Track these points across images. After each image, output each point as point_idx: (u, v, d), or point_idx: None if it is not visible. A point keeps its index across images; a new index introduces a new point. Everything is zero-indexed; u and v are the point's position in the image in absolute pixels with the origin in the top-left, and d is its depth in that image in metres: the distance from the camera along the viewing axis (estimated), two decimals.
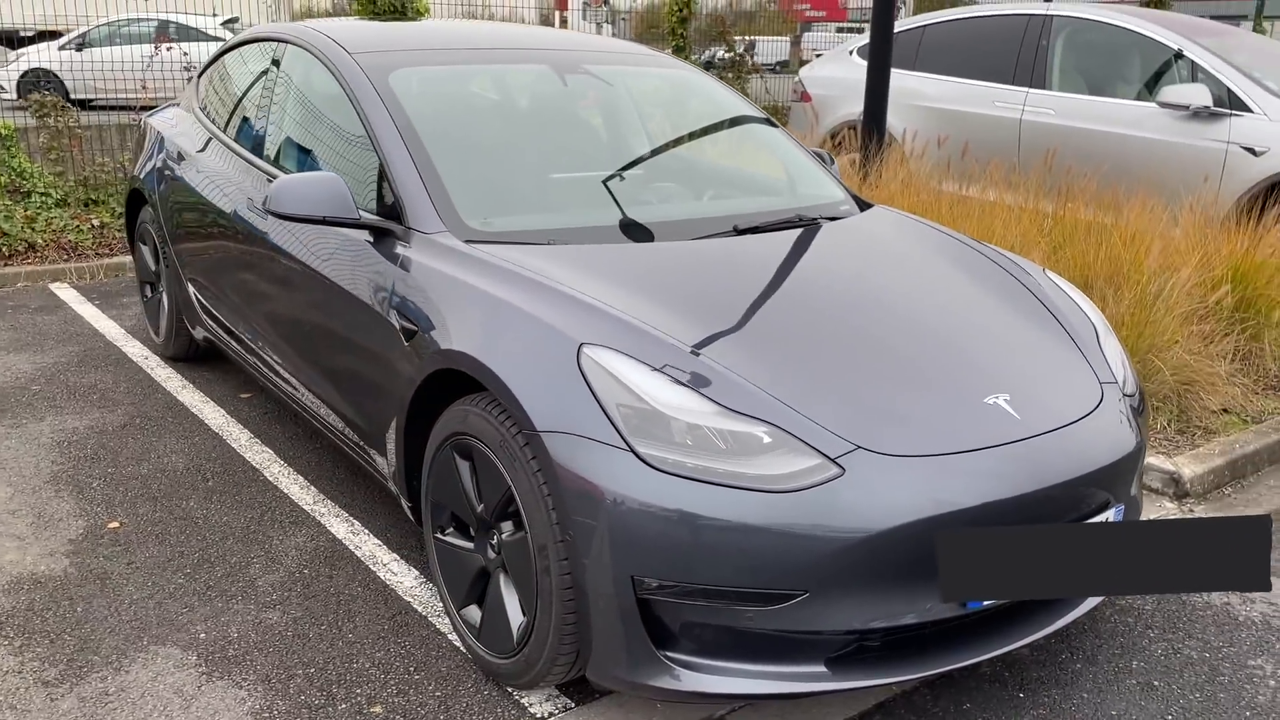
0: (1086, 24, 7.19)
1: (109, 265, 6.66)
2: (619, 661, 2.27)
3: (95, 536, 3.30)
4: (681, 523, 2.17)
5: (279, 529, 3.38)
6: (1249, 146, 6.15)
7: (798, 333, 2.61)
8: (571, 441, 2.25)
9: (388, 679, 2.64)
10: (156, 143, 4.71)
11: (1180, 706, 2.61)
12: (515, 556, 2.45)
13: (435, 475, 2.72)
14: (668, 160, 3.76)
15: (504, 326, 2.51)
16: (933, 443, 2.32)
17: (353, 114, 3.32)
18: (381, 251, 3.00)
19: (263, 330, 3.71)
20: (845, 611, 2.22)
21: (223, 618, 2.88)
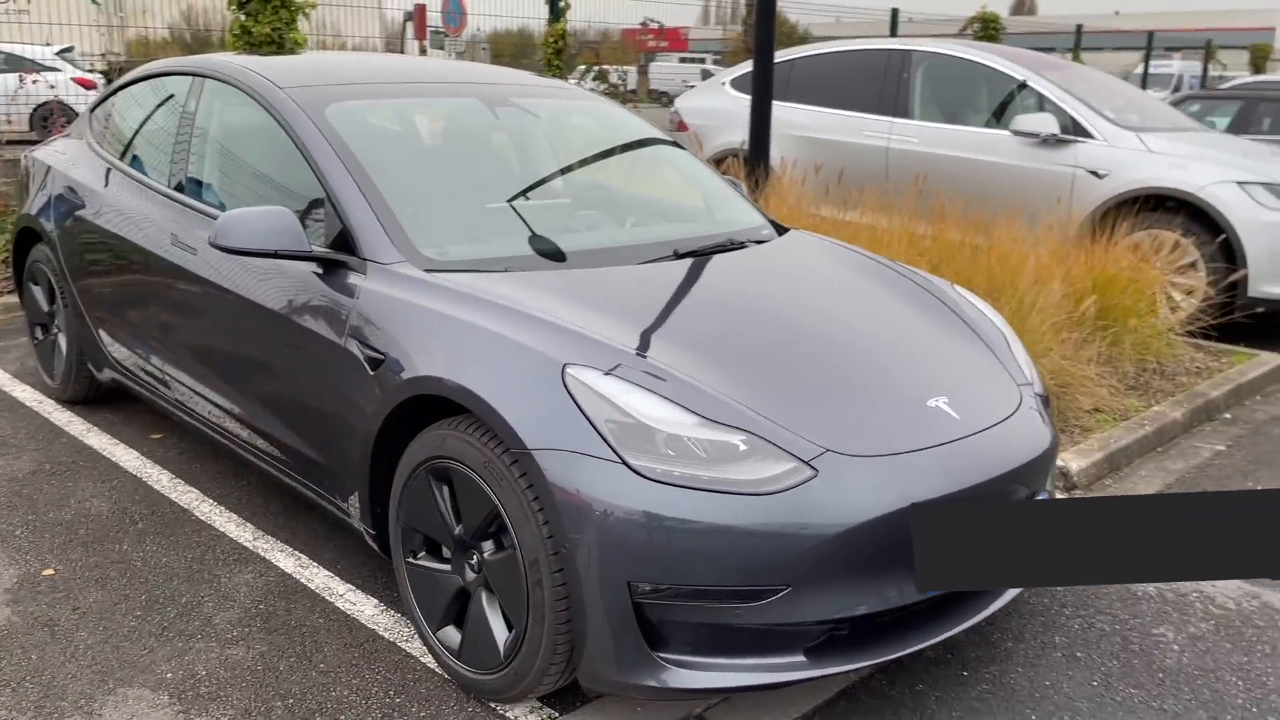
0: (943, 58, 7.71)
1: None
2: (614, 664, 2.38)
3: (32, 584, 3.20)
4: (673, 528, 2.30)
5: (224, 567, 3.34)
6: (1093, 170, 6.71)
7: (755, 348, 2.79)
8: (564, 458, 2.36)
9: (369, 704, 2.67)
10: (49, 178, 4.57)
11: (1102, 673, 2.89)
12: (502, 573, 2.54)
13: (407, 501, 2.77)
14: (602, 189, 3.90)
15: (482, 351, 2.60)
16: (891, 443, 2.53)
17: (289, 149, 3.34)
18: (332, 283, 3.04)
19: (191, 368, 3.66)
20: (822, 603, 2.39)
21: (186, 657, 2.85)
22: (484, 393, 2.50)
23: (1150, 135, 6.77)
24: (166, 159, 3.91)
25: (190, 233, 3.59)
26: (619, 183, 3.96)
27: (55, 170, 4.57)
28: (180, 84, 4.02)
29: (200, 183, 3.73)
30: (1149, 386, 5.30)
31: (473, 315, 2.70)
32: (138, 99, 4.36)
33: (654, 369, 2.52)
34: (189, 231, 3.60)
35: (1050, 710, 2.71)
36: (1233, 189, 6.32)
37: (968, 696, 2.76)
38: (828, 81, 8.08)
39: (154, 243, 3.77)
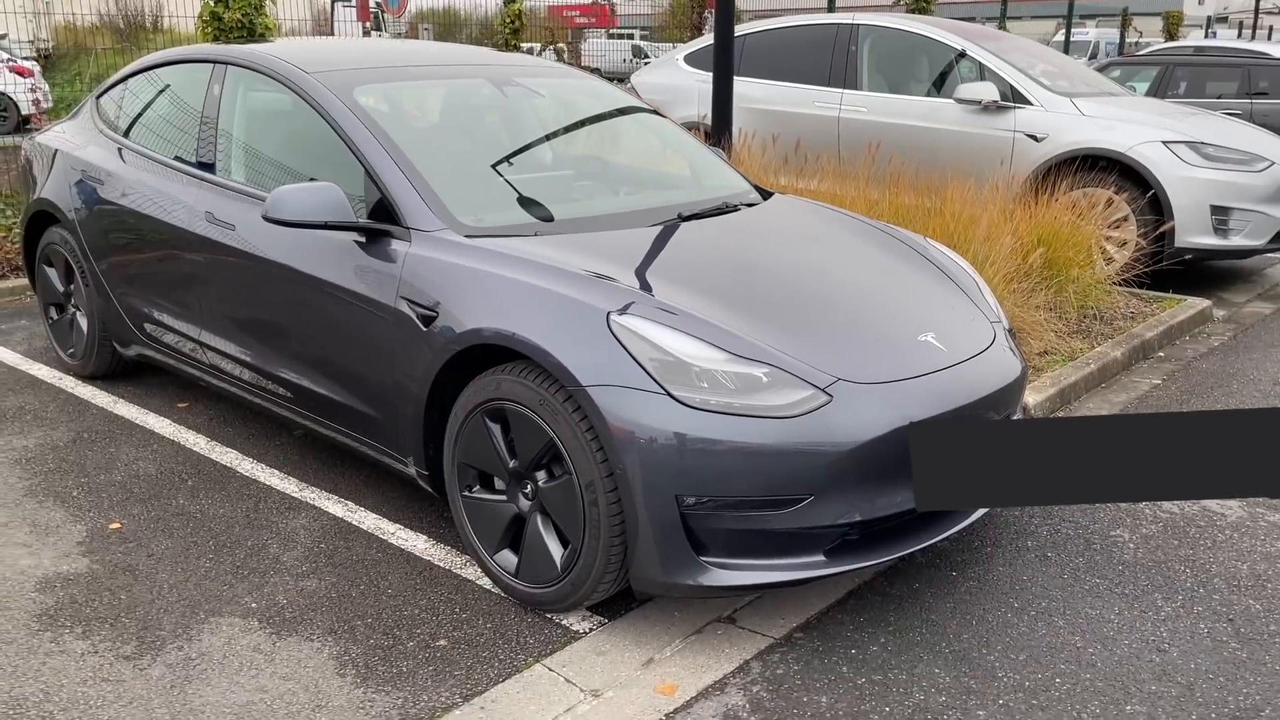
0: (889, 31, 8.14)
1: None
2: (663, 568, 2.76)
3: (101, 537, 3.48)
4: (712, 448, 2.68)
5: (278, 514, 3.65)
6: (1031, 134, 7.19)
7: (765, 295, 3.17)
8: (615, 392, 2.72)
9: (439, 620, 3.02)
10: (61, 162, 4.78)
11: (1071, 569, 3.34)
12: (557, 497, 2.89)
13: (463, 441, 3.11)
14: (604, 159, 4.25)
15: (532, 304, 2.94)
16: (891, 372, 2.93)
17: (321, 129, 3.63)
18: (376, 251, 3.35)
19: (232, 335, 3.94)
20: (838, 509, 2.78)
21: (264, 589, 3.17)
22: (539, 340, 2.84)
23: (1082, 100, 7.28)
24: (192, 141, 4.16)
25: (228, 210, 3.86)
26: (619, 154, 4.30)
27: (67, 154, 4.78)
28: (200, 70, 4.27)
29: (233, 163, 4.00)
30: (1090, 330, 5.79)
31: (518, 273, 3.04)
32: (154, 85, 4.59)
33: (685, 313, 2.89)
34: (226, 208, 3.87)
35: (1029, 599, 3.15)
36: (1159, 148, 6.84)
37: (958, 591, 3.19)
38: (778, 56, 8.47)
39: (187, 220, 4.03)
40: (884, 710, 2.62)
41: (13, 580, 3.19)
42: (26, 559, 3.32)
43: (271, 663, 2.80)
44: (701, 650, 2.88)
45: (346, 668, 2.79)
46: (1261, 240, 6.94)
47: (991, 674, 2.77)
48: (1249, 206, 6.83)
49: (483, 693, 2.69)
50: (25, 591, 3.14)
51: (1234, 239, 6.88)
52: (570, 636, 2.95)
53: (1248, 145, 7.04)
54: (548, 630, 2.97)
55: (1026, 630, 2.98)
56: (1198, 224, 6.79)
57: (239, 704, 2.63)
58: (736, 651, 2.87)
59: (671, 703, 2.66)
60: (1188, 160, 6.80)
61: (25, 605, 3.06)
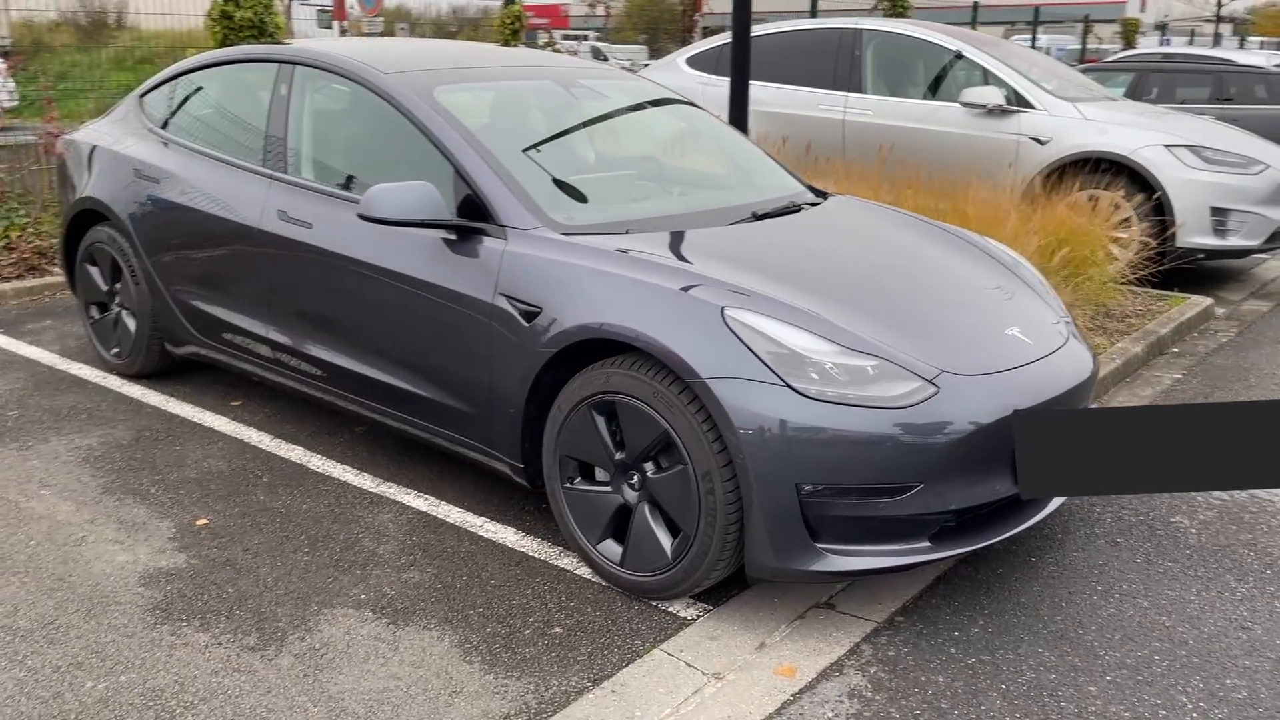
0: (892, 36, 8.31)
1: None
2: (780, 555, 2.85)
3: (191, 533, 3.50)
4: (831, 438, 2.78)
5: (361, 509, 3.70)
6: (1036, 137, 7.39)
7: (856, 289, 3.29)
8: (736, 384, 2.81)
9: (548, 609, 3.09)
10: (110, 161, 4.77)
11: (1143, 554, 3.48)
12: (669, 487, 2.98)
13: (566, 434, 3.19)
14: (670, 158, 4.33)
15: (643, 299, 3.02)
16: (988, 364, 3.05)
17: (404, 129, 3.69)
18: (469, 248, 3.41)
19: (304, 333, 3.97)
20: (945, 497, 2.90)
21: (369, 581, 3.22)
22: (656, 334, 2.92)
23: (1084, 105, 7.49)
24: (258, 140, 4.18)
25: (303, 208, 3.89)
26: (681, 153, 4.39)
27: (114, 153, 4.77)
28: (264, 70, 4.29)
29: (307, 162, 4.03)
30: (1105, 328, 5.98)
31: (625, 270, 3.12)
32: (209, 85, 4.61)
33: (793, 308, 2.99)
34: (301, 207, 3.90)
35: (1111, 582, 3.29)
36: (1161, 151, 7.07)
37: (1041, 576, 3.32)
38: (781, 59, 8.59)
39: (256, 219, 4.05)
40: (1000, 688, 2.74)
41: (115, 576, 3.21)
42: (123, 555, 3.34)
43: (396, 651, 2.86)
44: (810, 634, 2.98)
45: (471, 655, 2.85)
46: (1258, 240, 7.19)
47: (1093, 653, 2.90)
48: (1246, 208, 7.07)
49: (610, 676, 2.77)
50: (130, 586, 3.16)
51: (1232, 239, 7.12)
52: (680, 623, 3.03)
53: (1243, 149, 7.29)
54: (656, 617, 3.06)
55: (1115, 611, 3.12)
56: (1198, 225, 7.02)
57: (376, 690, 2.69)
58: (844, 635, 2.98)
59: (794, 684, 2.75)
60: (1188, 163, 7.03)
61: (134, 600, 3.08)
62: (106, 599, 3.08)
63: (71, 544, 3.40)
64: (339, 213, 3.79)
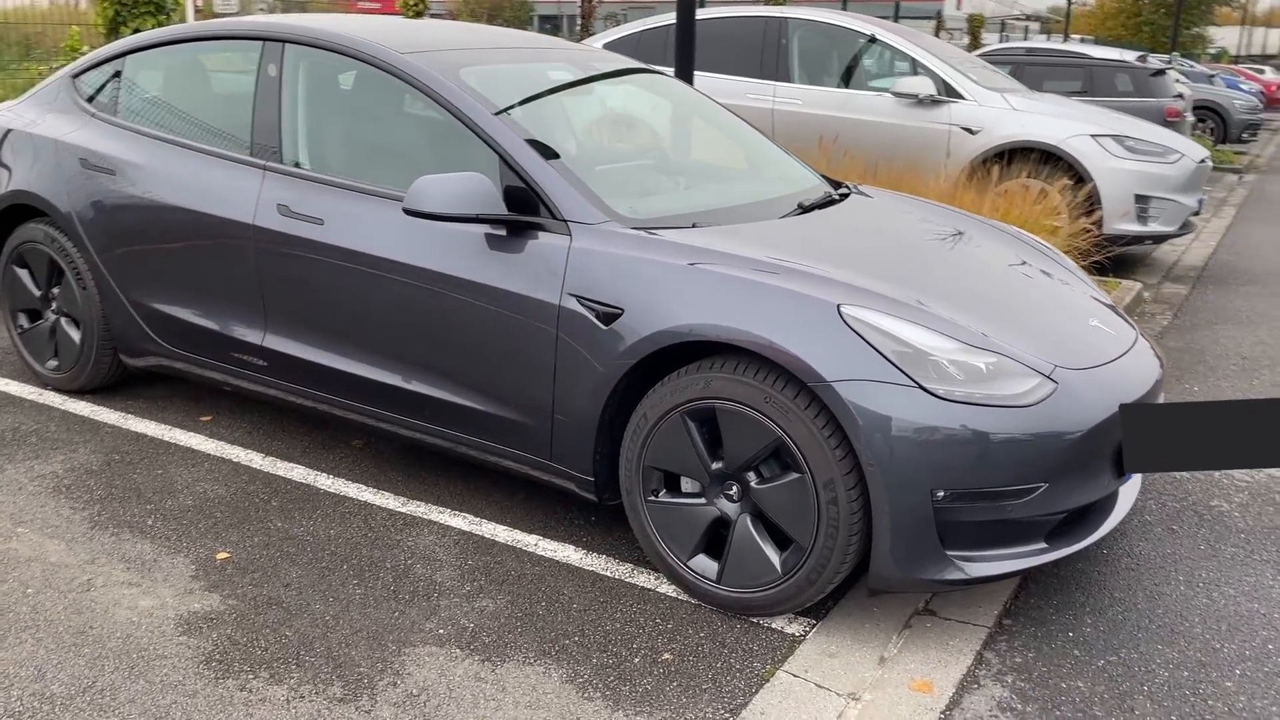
0: (816, 25, 8.29)
1: None
2: (908, 565, 2.71)
3: (215, 569, 3.11)
4: (964, 439, 2.65)
5: (397, 532, 3.37)
6: (966, 127, 7.50)
7: (942, 283, 3.16)
8: (864, 386, 2.65)
9: (646, 633, 2.86)
10: (44, 150, 4.23)
11: (1204, 539, 3.51)
12: (780, 497, 2.79)
13: (654, 443, 2.96)
14: (689, 146, 4.12)
15: (749, 298, 2.82)
16: (1091, 357, 2.98)
17: (430, 114, 3.37)
18: (522, 244, 3.13)
19: (314, 341, 3.59)
20: (1064, 495, 2.82)
21: (441, 613, 2.92)
22: (770, 335, 2.73)
23: (1011, 95, 7.65)
24: (244, 127, 3.76)
25: (312, 202, 3.52)
26: (699, 143, 4.18)
27: (47, 140, 4.23)
28: (244, 48, 3.86)
29: (312, 152, 3.64)
30: None
31: (718, 266, 2.91)
32: (172, 65, 4.13)
33: (907, 304, 2.84)
34: (309, 201, 3.52)
35: (1188, 571, 3.29)
36: (1088, 141, 7.28)
37: (1121, 569, 3.29)
38: (707, 47, 8.43)
39: (248, 214, 3.64)
40: (1143, 689, 2.68)
41: (145, 624, 2.81)
42: (145, 599, 2.93)
43: (504, 691, 2.58)
44: (925, 644, 2.85)
45: (588, 690, 2.60)
46: (1174, 226, 7.50)
47: (1209, 647, 2.88)
48: (1165, 195, 7.37)
49: (746, 705, 2.57)
50: (169, 635, 2.77)
51: (1152, 225, 7.41)
52: (789, 640, 2.86)
53: (1159, 138, 7.59)
54: (763, 635, 2.87)
55: (1208, 601, 3.11)
56: (1123, 211, 7.26)
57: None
58: (961, 644, 2.86)
59: (936, 700, 2.62)
60: (1114, 152, 7.27)
61: (180, 652, 2.70)
62: (147, 653, 2.69)
63: (78, 590, 2.97)
64: (357, 207, 3.44)
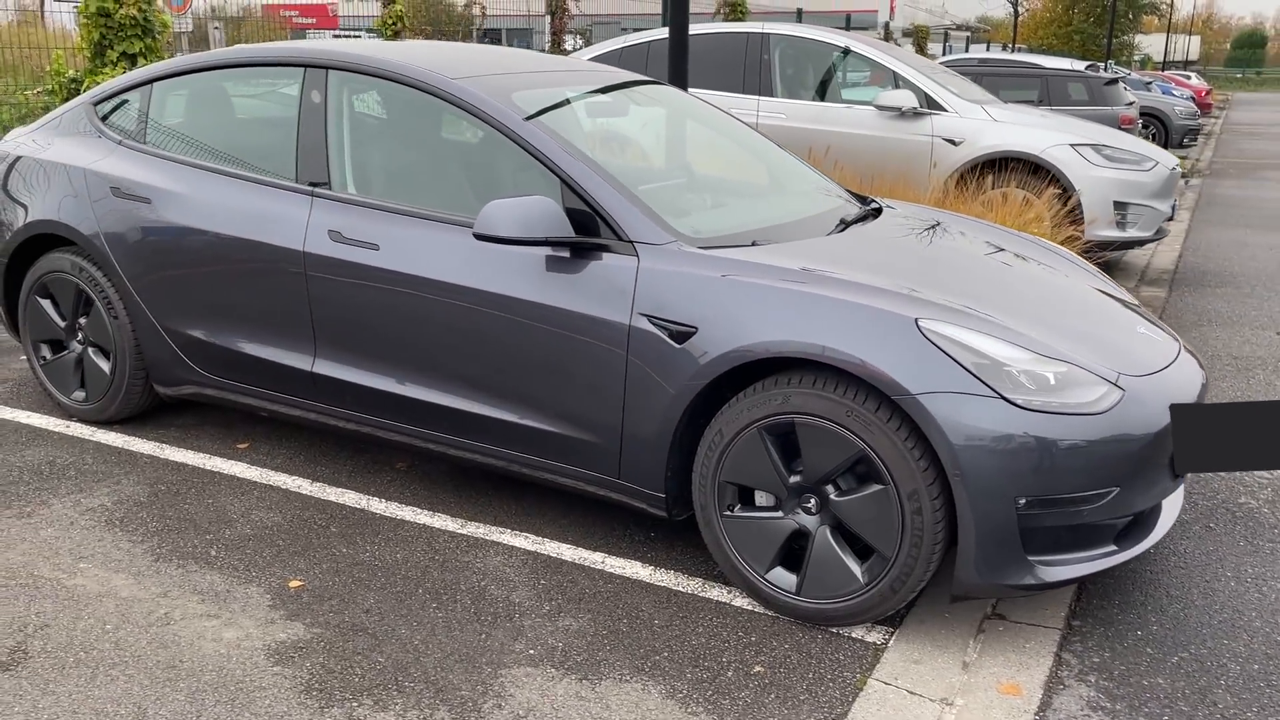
0: (798, 40, 8.43)
1: None
2: (991, 571, 2.79)
3: (291, 597, 3.10)
4: (1045, 448, 2.74)
5: (463, 554, 3.38)
6: (949, 138, 7.67)
7: (1001, 294, 3.25)
8: (949, 398, 2.73)
9: (733, 646, 2.91)
10: (70, 178, 4.18)
11: (1242, 535, 3.64)
12: (862, 509, 2.86)
13: (730, 459, 3.01)
14: (743, 168, 4.18)
15: (827, 314, 2.88)
16: (1147, 364, 3.09)
17: (485, 138, 3.41)
18: (584, 267, 3.17)
19: (364, 364, 3.59)
20: (1132, 499, 2.92)
21: (527, 634, 2.94)
22: (855, 350, 2.80)
23: (990, 107, 7.84)
24: (288, 153, 3.76)
25: (364, 228, 3.52)
26: (730, 161, 4.25)
27: (72, 168, 4.19)
28: (284, 75, 3.86)
29: (362, 177, 3.65)
30: None
31: (793, 284, 2.98)
32: (203, 92, 4.11)
33: (980, 316, 2.93)
34: (362, 226, 3.53)
35: (1235, 567, 3.42)
36: (1068, 150, 7.49)
37: (1170, 567, 3.41)
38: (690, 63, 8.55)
39: (296, 240, 3.63)
40: (1220, 683, 2.78)
41: (236, 656, 2.80)
42: (229, 631, 2.92)
43: (609, 709, 2.62)
44: (1003, 648, 2.94)
45: (691, 705, 2.65)
46: (1150, 232, 7.73)
47: (1271, 639, 3.00)
48: (1142, 201, 7.59)
49: (846, 714, 2.63)
50: (262, 666, 2.76)
51: (1130, 231, 7.62)
52: (872, 648, 2.93)
53: (1134, 146, 7.82)
54: (846, 645, 2.94)
55: (1258, 595, 3.24)
56: (1104, 219, 7.47)
57: None
58: (1037, 646, 2.95)
59: (1029, 703, 2.70)
60: (1092, 161, 7.48)
61: (278, 682, 2.69)
62: (245, 685, 2.68)
63: (157, 623, 2.94)
64: (413, 231, 3.46)
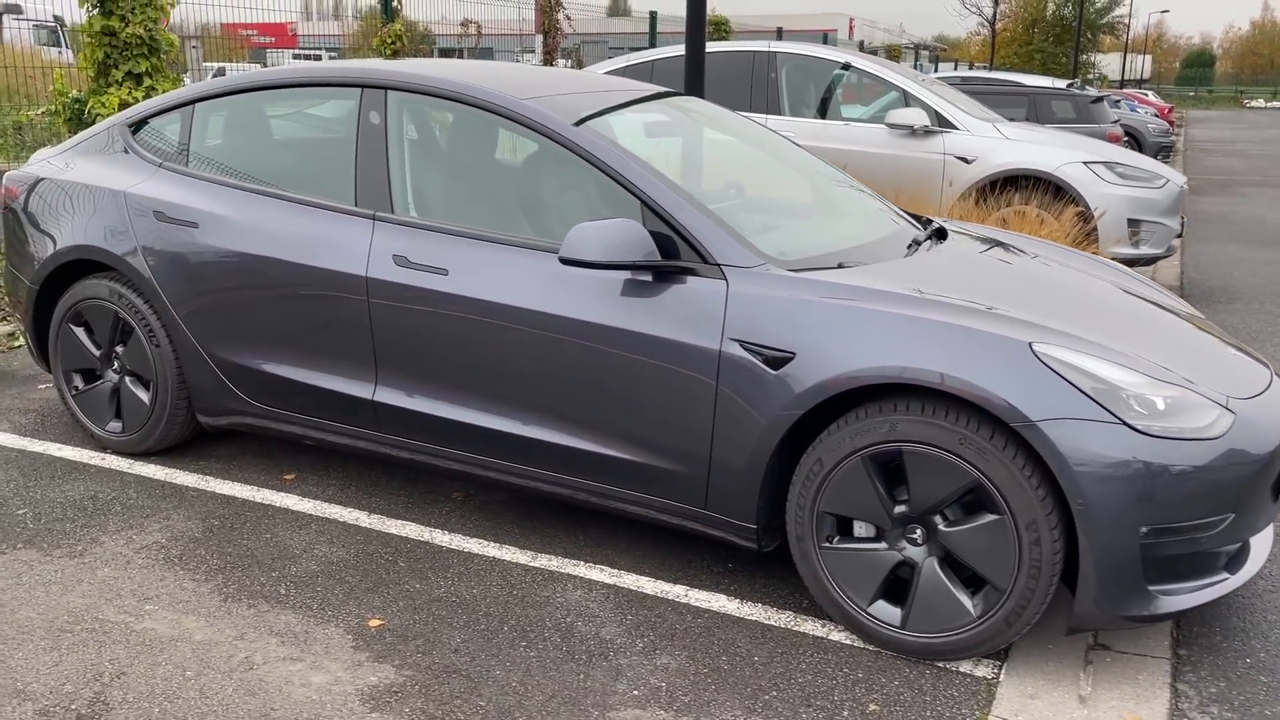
0: (804, 58, 8.41)
1: None
2: (1111, 602, 2.72)
3: (374, 637, 2.97)
4: (1168, 475, 2.68)
5: (543, 588, 3.27)
6: (961, 156, 7.67)
7: (1094, 317, 3.20)
8: (1071, 425, 2.66)
9: (842, 684, 2.82)
10: (104, 201, 4.03)
11: None
12: (976, 540, 2.78)
13: (829, 489, 2.93)
14: (796, 186, 4.11)
15: (938, 339, 2.80)
16: (1249, 386, 3.04)
17: (558, 160, 3.32)
18: (668, 291, 3.08)
19: (431, 391, 3.48)
20: (1244, 525, 2.86)
21: (626, 673, 2.83)
22: (967, 375, 2.72)
23: (1001, 125, 7.85)
24: (345, 176, 3.64)
25: (432, 252, 3.41)
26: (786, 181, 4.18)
27: (110, 192, 4.04)
28: (338, 95, 3.75)
29: (430, 201, 3.54)
30: None
31: (897, 308, 2.90)
32: (249, 114, 3.98)
33: (1089, 339, 2.87)
34: (429, 251, 3.42)
35: None
36: (1081, 168, 7.50)
37: (1259, 590, 3.37)
38: None
39: (358, 265, 3.51)
40: None
41: (331, 702, 2.67)
42: (317, 675, 2.78)
43: None
44: (1115, 680, 2.87)
45: None
46: (1162, 249, 7.76)
47: None
48: (1155, 219, 7.62)
49: None
50: (359, 713, 2.63)
51: (1143, 248, 7.65)
52: (983, 683, 2.85)
53: (1144, 164, 7.86)
54: (956, 680, 2.86)
55: None
56: (1119, 236, 7.49)
57: None
58: (1149, 677, 2.89)
59: None
60: (1106, 179, 7.50)
61: None
62: None
63: (240, 669, 2.80)
64: (484, 255, 3.35)
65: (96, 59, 6.83)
